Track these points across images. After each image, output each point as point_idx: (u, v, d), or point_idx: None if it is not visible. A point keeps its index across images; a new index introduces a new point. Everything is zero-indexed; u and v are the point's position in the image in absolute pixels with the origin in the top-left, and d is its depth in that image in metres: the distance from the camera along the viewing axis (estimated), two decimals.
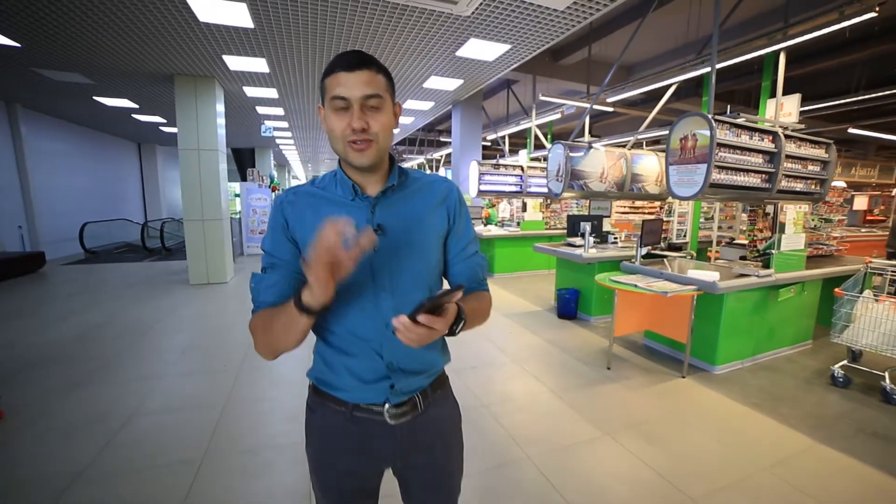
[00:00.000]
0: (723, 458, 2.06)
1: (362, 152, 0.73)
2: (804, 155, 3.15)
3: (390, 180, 0.80)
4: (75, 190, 8.72)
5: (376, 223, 0.78)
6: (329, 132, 0.74)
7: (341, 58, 0.71)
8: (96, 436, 2.16)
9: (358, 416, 0.81)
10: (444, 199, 0.85)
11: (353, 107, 0.70)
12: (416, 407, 0.83)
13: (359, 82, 0.70)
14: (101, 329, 3.84)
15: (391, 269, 0.78)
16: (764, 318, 3.20)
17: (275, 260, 0.79)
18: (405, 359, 0.81)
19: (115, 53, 4.44)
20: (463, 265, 0.88)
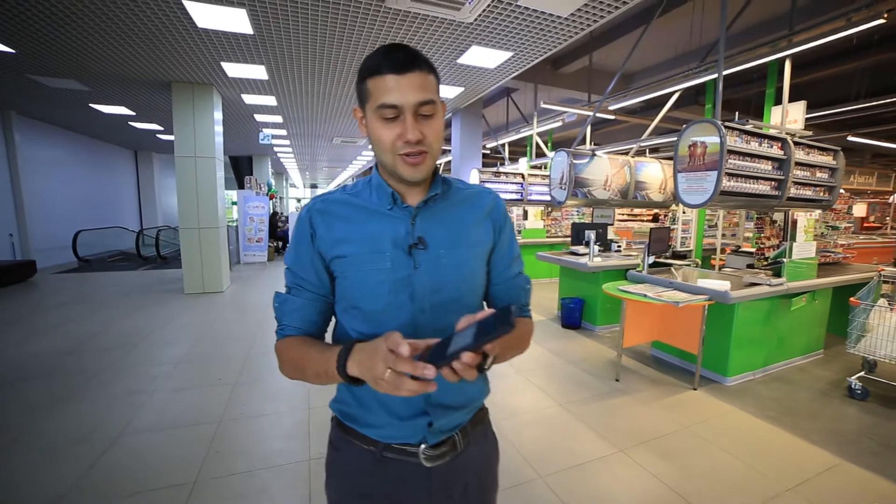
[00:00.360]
0: (744, 477, 1.96)
1: (416, 167, 0.64)
2: (813, 162, 3.10)
3: (433, 189, 0.71)
4: (69, 197, 8.60)
5: (416, 236, 0.69)
6: (376, 142, 0.64)
7: (387, 55, 0.61)
8: (80, 456, 2.03)
9: (389, 458, 0.70)
10: (490, 212, 0.77)
11: (406, 115, 0.61)
12: (455, 446, 0.73)
13: (411, 87, 0.60)
14: (91, 340, 3.70)
15: (432, 289, 0.68)
16: (775, 328, 3.12)
17: (299, 280, 0.71)
18: (446, 391, 0.70)
19: (111, 60, 4.38)
20: (505, 287, 0.79)
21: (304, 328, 0.71)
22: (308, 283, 0.70)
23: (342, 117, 7.18)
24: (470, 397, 0.75)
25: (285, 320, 0.71)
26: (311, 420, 2.42)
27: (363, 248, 0.67)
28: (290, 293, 0.71)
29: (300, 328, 0.71)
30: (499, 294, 0.78)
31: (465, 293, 0.71)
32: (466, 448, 0.75)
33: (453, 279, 0.69)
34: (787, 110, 3.37)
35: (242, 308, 4.98)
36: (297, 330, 0.71)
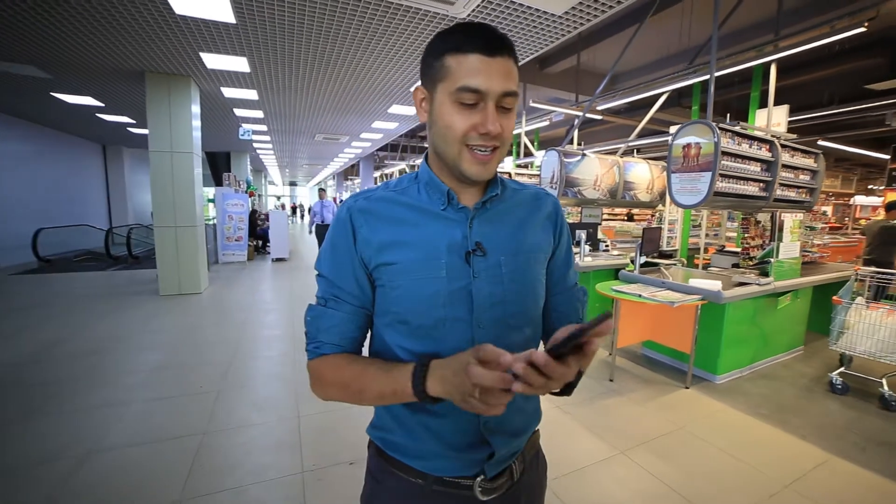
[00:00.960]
0: (744, 475, 1.98)
1: (485, 165, 0.57)
2: (797, 164, 3.19)
3: (492, 189, 0.64)
4: (28, 193, 8.04)
5: (474, 241, 0.61)
6: (443, 129, 0.56)
7: (476, 34, 0.53)
8: (45, 478, 1.85)
9: (438, 491, 0.62)
10: (550, 216, 0.70)
11: (488, 104, 0.54)
12: (511, 475, 0.66)
13: (499, 73, 0.53)
14: (57, 347, 3.45)
15: (492, 301, 0.60)
16: (762, 326, 3.20)
17: (336, 290, 0.62)
18: (507, 416, 0.61)
19: (77, 46, 4.08)
20: (561, 298, 0.72)
21: (344, 346, 0.62)
22: (347, 295, 0.62)
23: (326, 113, 6.99)
24: (530, 419, 0.69)
25: (321, 337, 0.62)
26: (302, 429, 2.31)
27: (415, 254, 0.59)
28: (327, 306, 0.62)
29: (339, 345, 0.62)
30: (556, 306, 0.72)
31: (529, 306, 0.64)
32: (521, 476, 0.68)
33: (515, 290, 0.62)
34: (772, 113, 3.45)
35: (223, 310, 4.77)
36: (336, 347, 0.62)
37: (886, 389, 2.67)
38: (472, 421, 0.61)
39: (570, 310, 0.73)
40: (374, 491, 0.67)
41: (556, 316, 0.72)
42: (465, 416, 0.61)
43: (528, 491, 0.70)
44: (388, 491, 0.65)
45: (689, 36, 4.85)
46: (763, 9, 4.19)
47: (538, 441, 0.75)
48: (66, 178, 9.41)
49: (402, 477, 0.64)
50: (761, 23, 4.50)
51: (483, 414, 0.46)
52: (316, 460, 2.03)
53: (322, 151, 12.29)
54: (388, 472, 0.65)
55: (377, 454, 0.67)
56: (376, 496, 0.67)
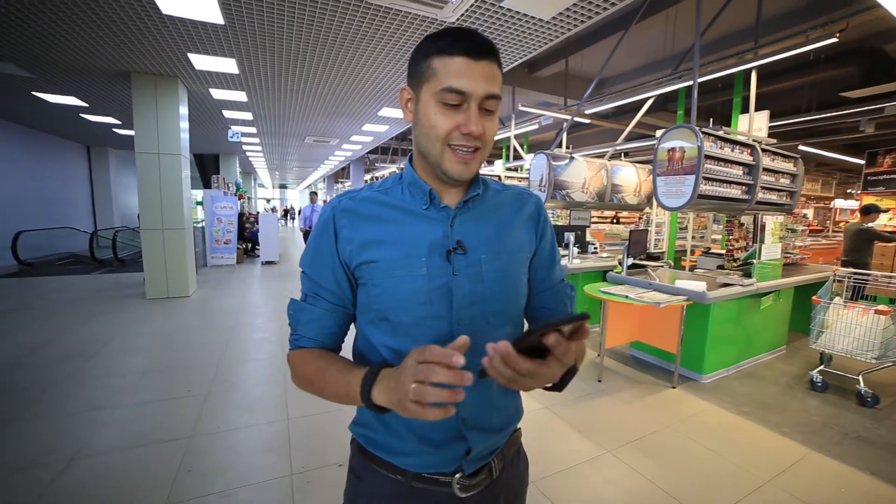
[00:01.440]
0: (727, 472, 2.03)
1: (467, 164, 0.59)
2: (777, 168, 3.29)
3: (473, 189, 0.65)
4: (9, 195, 7.84)
5: (455, 239, 0.62)
6: (427, 128, 0.58)
7: (462, 38, 0.55)
8: (29, 483, 1.82)
9: (418, 488, 0.64)
10: (532, 215, 0.71)
11: (471, 106, 0.56)
12: (490, 473, 0.67)
13: (483, 76, 0.55)
14: (39, 352, 3.37)
15: (472, 299, 0.62)
16: (745, 326, 3.28)
17: (316, 288, 0.63)
18: (485, 413, 0.64)
19: (60, 44, 4.01)
20: (549, 294, 0.73)
21: (321, 340, 0.65)
22: (326, 292, 0.64)
23: (315, 116, 6.97)
24: (510, 417, 0.70)
25: (300, 330, 0.64)
26: (291, 431, 2.30)
27: (396, 253, 0.61)
28: (307, 301, 0.64)
29: (316, 339, 0.64)
30: (543, 303, 0.73)
31: (509, 304, 0.66)
32: (501, 473, 0.69)
33: (495, 288, 0.63)
34: (753, 118, 3.55)
35: (211, 313, 4.71)
36: (313, 342, 0.64)
37: (863, 386, 2.76)
38: (450, 417, 0.62)
39: (558, 305, 0.74)
40: (356, 487, 0.68)
41: (543, 312, 0.73)
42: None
43: (508, 489, 0.71)
44: (369, 487, 0.66)
45: (674, 42, 4.96)
46: (743, 18, 4.31)
47: (519, 439, 0.76)
48: (49, 179, 9.20)
49: (382, 473, 0.65)
50: (742, 31, 4.63)
51: (418, 418, 0.45)
52: (305, 462, 2.02)
53: (312, 154, 12.23)
54: (368, 468, 0.66)
55: (359, 451, 0.68)
56: (358, 493, 0.68)
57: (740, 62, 3.45)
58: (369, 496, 0.66)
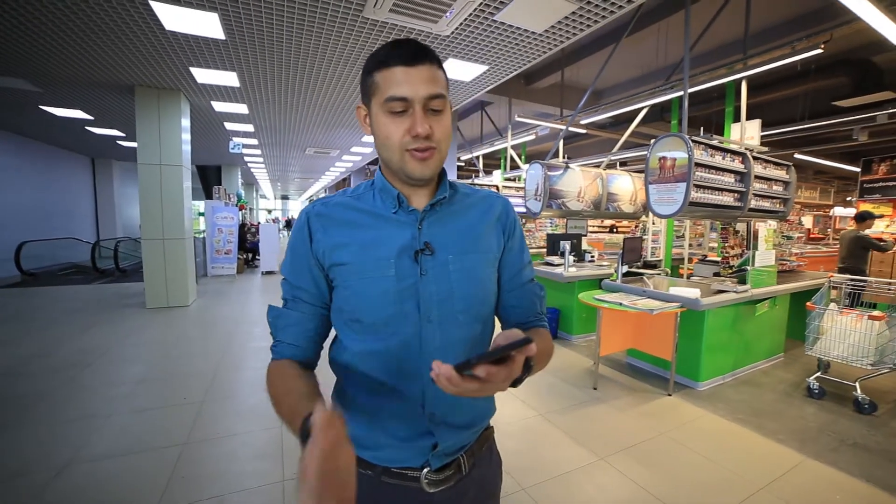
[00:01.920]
0: (721, 479, 2.02)
1: (425, 162, 0.61)
2: (770, 175, 3.32)
3: (440, 192, 0.68)
4: (13, 206, 7.94)
5: (423, 241, 0.65)
6: (383, 139, 0.61)
7: (396, 48, 0.59)
8: (23, 489, 1.83)
9: (387, 483, 0.65)
10: (500, 217, 0.73)
11: (415, 109, 0.58)
12: (460, 469, 0.68)
13: (421, 79, 0.58)
14: (37, 361, 3.39)
15: (440, 298, 0.64)
16: (742, 333, 3.28)
17: (296, 291, 0.66)
18: (453, 409, 0.66)
19: (67, 60, 4.13)
20: (517, 294, 0.75)
21: (300, 344, 0.67)
22: (305, 294, 0.66)
23: (316, 127, 7.08)
24: (479, 415, 0.71)
25: (279, 336, 0.66)
26: (285, 438, 2.30)
27: (366, 255, 0.63)
28: (286, 306, 0.66)
29: (295, 344, 0.67)
30: (512, 301, 0.75)
31: (476, 302, 0.68)
32: (471, 470, 0.70)
33: (462, 287, 0.66)
34: (744, 127, 3.60)
35: (210, 323, 4.73)
36: (292, 347, 0.67)
37: (859, 393, 2.74)
38: (418, 412, 0.64)
39: (528, 304, 0.75)
40: None
41: (514, 311, 0.75)
42: (411, 407, 0.64)
43: (479, 486, 0.72)
44: None
45: (666, 54, 5.06)
46: (732, 31, 4.40)
47: (492, 437, 0.77)
48: (53, 190, 9.33)
49: None
50: (732, 44, 4.72)
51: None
52: (297, 468, 2.01)
53: (313, 165, 12.36)
54: None
55: None
56: None
57: (730, 73, 3.51)
58: None
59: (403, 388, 0.64)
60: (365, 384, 0.65)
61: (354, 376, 0.66)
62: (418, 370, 0.64)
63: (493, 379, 0.47)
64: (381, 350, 0.64)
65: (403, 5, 3.02)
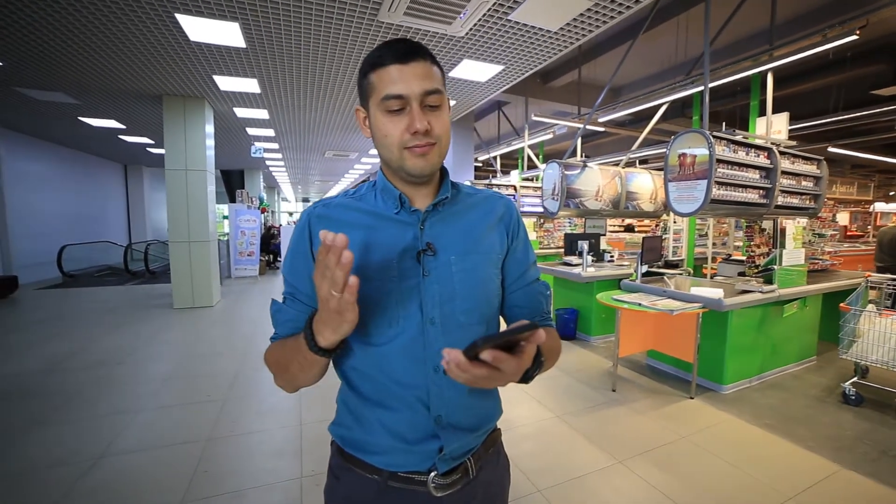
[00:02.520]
0: (745, 486, 1.94)
1: (425, 157, 0.60)
2: (798, 171, 3.18)
3: (443, 192, 0.68)
4: (56, 212, 8.44)
5: (425, 241, 0.65)
6: (381, 139, 0.61)
7: (389, 47, 0.59)
8: (58, 480, 1.93)
9: (394, 487, 0.65)
10: (503, 217, 0.73)
11: (412, 106, 0.58)
12: (467, 472, 0.67)
13: (416, 76, 0.58)
14: (72, 358, 3.58)
15: (442, 298, 0.64)
16: (769, 335, 3.14)
17: (293, 290, 0.66)
18: (459, 411, 0.65)
19: (102, 73, 4.36)
20: (522, 293, 0.74)
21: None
22: (302, 294, 0.66)
23: (334, 130, 7.21)
24: (484, 418, 0.70)
25: (278, 329, 0.68)
26: (304, 436, 2.35)
27: (368, 256, 0.64)
28: (285, 302, 0.67)
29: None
30: (517, 301, 0.74)
31: (479, 303, 0.67)
32: (478, 473, 0.69)
33: (465, 287, 0.65)
34: (771, 121, 3.46)
35: (233, 323, 4.88)
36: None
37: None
38: (423, 415, 0.64)
39: (533, 304, 0.74)
40: (334, 487, 0.70)
41: (518, 311, 0.74)
42: (416, 410, 0.64)
43: (487, 489, 0.71)
44: (346, 487, 0.67)
45: (687, 48, 4.91)
46: (758, 21, 4.23)
47: (499, 440, 0.76)
48: (90, 196, 9.85)
49: (358, 473, 0.66)
50: (757, 34, 4.54)
51: (347, 307, 0.50)
52: (315, 466, 2.06)
53: (333, 168, 12.58)
54: (345, 468, 0.67)
55: (337, 452, 0.70)
56: (335, 493, 0.69)
57: (755, 65, 3.37)
58: (347, 496, 0.67)
59: (408, 390, 0.64)
60: (369, 387, 0.65)
61: (359, 380, 0.66)
62: (424, 371, 0.63)
63: (502, 366, 0.46)
64: (385, 353, 0.64)
65: (417, 8, 3.04)
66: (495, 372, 0.46)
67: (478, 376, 0.46)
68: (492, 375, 0.47)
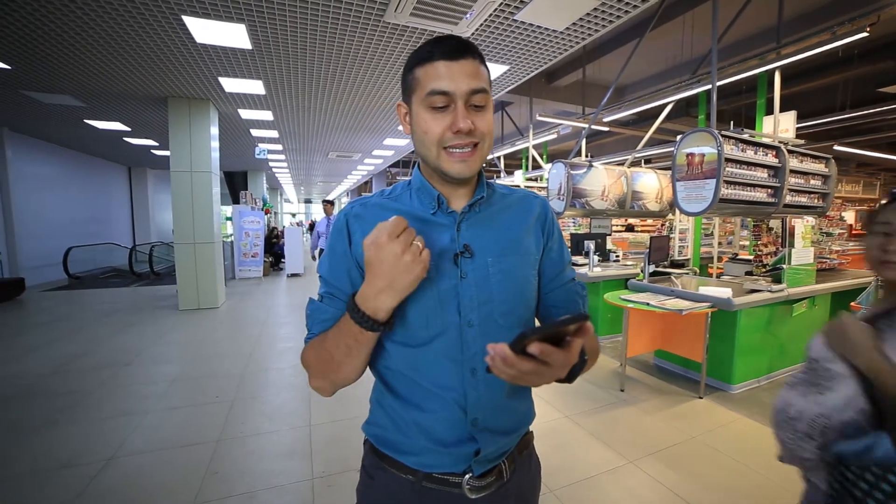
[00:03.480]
0: (757, 486, 1.93)
1: (465, 161, 0.59)
2: (806, 169, 3.16)
3: (479, 192, 0.66)
4: (61, 214, 8.48)
5: (462, 243, 0.64)
6: (421, 135, 0.60)
7: (439, 43, 0.58)
8: (68, 481, 1.94)
9: (428, 488, 0.64)
10: (539, 217, 0.72)
11: (458, 104, 0.57)
12: (501, 475, 0.67)
13: (464, 73, 0.57)
14: (80, 360, 3.59)
15: (480, 301, 0.63)
16: (777, 335, 3.13)
17: (332, 289, 0.66)
18: (495, 414, 0.64)
19: (108, 76, 4.38)
20: (559, 293, 0.73)
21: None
22: (340, 292, 0.65)
23: (339, 131, 7.22)
24: (520, 420, 0.70)
25: (314, 329, 0.66)
26: (313, 437, 2.35)
27: None
28: (323, 301, 0.66)
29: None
30: (553, 301, 0.73)
31: (517, 305, 0.66)
32: (512, 476, 0.69)
33: (503, 289, 0.64)
34: (778, 120, 3.44)
35: (239, 324, 4.89)
36: None
37: None
38: (460, 417, 0.63)
39: (570, 304, 0.73)
40: (368, 487, 0.70)
41: (556, 311, 0.74)
42: (453, 412, 0.63)
43: (519, 492, 0.71)
44: (381, 486, 0.67)
45: (692, 47, 4.89)
46: (765, 18, 4.22)
47: (531, 442, 0.76)
48: (95, 198, 9.89)
49: (393, 473, 0.66)
50: (764, 32, 4.52)
51: (417, 269, 0.53)
52: (326, 467, 2.06)
53: (336, 169, 12.61)
54: (380, 468, 0.67)
55: (371, 451, 0.70)
56: (369, 492, 0.69)
57: (762, 63, 3.36)
58: (381, 495, 0.67)
59: (445, 392, 0.63)
60: (406, 389, 0.65)
61: (395, 381, 0.66)
62: (461, 374, 0.63)
63: (550, 359, 0.44)
64: (422, 355, 0.63)
65: (424, 8, 3.04)
66: (542, 366, 0.45)
67: (524, 371, 0.45)
68: (538, 370, 0.45)
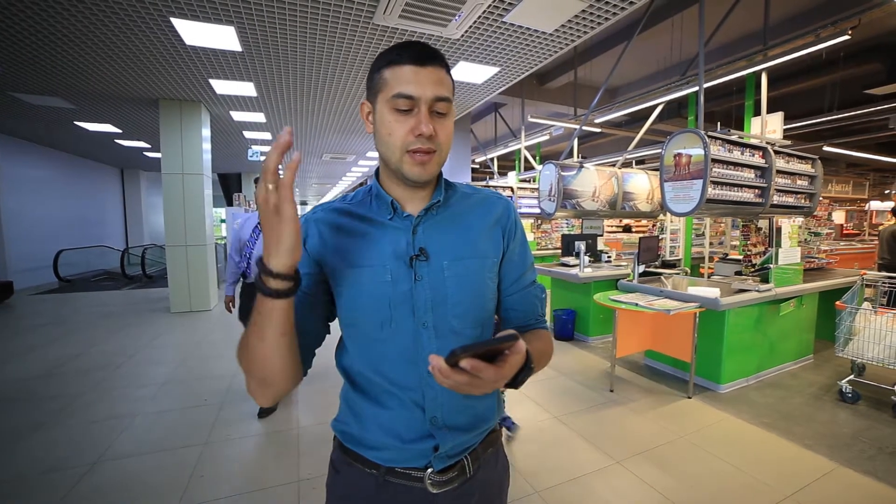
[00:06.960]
0: (743, 485, 1.94)
1: (424, 165, 0.61)
2: (793, 170, 3.19)
3: (435, 196, 0.67)
4: (51, 217, 8.40)
5: (418, 247, 0.65)
6: (384, 137, 0.61)
7: (408, 48, 0.59)
8: (54, 485, 1.92)
9: (392, 483, 0.66)
10: (500, 219, 0.72)
11: (421, 109, 0.59)
12: (464, 471, 0.68)
13: (430, 80, 0.59)
14: (69, 363, 3.56)
15: (435, 303, 0.64)
16: (766, 334, 3.15)
17: None
18: (452, 412, 0.66)
19: (98, 78, 4.35)
20: (518, 297, 0.74)
21: None
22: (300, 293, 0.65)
23: (332, 133, 7.21)
24: (480, 418, 0.71)
25: None
26: (300, 439, 2.34)
27: (362, 262, 0.64)
28: None
29: None
30: (512, 304, 0.74)
31: (472, 307, 0.67)
32: (476, 472, 0.70)
33: (457, 292, 0.65)
34: (765, 121, 3.48)
35: (230, 326, 4.86)
36: None
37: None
38: (419, 415, 0.65)
39: (529, 308, 0.75)
40: (334, 480, 0.71)
41: (514, 314, 0.75)
42: (411, 410, 0.65)
43: (484, 489, 0.72)
44: (347, 480, 0.69)
45: (682, 48, 4.93)
46: (751, 22, 4.26)
47: (498, 440, 0.77)
48: (87, 201, 9.81)
49: (358, 468, 0.68)
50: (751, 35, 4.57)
51: (284, 203, 0.51)
52: (312, 469, 2.05)
53: (330, 171, 12.59)
54: (346, 462, 0.69)
55: (338, 446, 0.72)
56: (336, 485, 0.71)
57: (749, 65, 3.40)
58: (347, 488, 0.69)
59: (403, 392, 0.65)
60: (367, 387, 0.67)
61: (357, 379, 0.68)
62: (417, 373, 0.64)
63: (481, 374, 0.46)
64: (379, 355, 0.65)
65: (413, 11, 3.05)
66: (476, 379, 0.47)
67: (459, 382, 0.47)
68: (472, 382, 0.47)
